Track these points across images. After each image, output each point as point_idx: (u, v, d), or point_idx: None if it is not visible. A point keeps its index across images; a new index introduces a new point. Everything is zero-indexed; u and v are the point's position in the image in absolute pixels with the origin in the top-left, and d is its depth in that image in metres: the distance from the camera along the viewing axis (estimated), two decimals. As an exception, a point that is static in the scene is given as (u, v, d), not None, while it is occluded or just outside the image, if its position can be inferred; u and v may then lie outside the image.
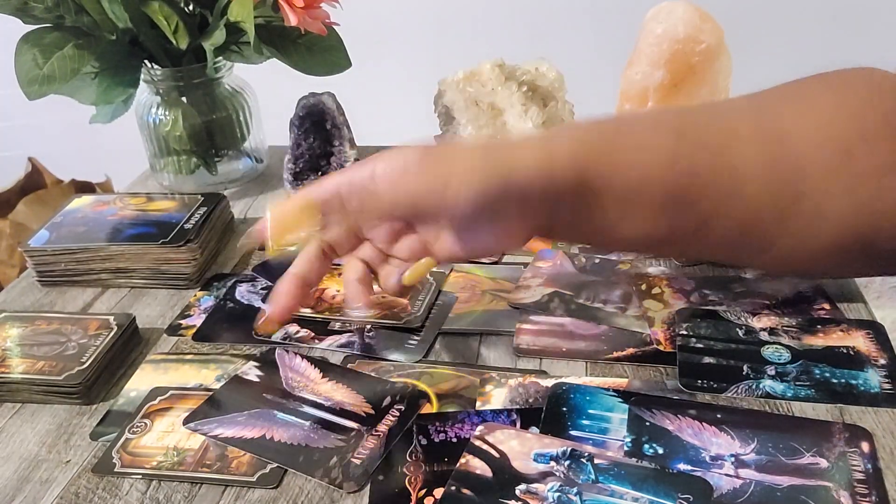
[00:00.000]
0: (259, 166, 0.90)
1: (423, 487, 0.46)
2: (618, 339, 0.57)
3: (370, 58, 1.08)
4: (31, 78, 0.71)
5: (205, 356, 0.59)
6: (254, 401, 0.53)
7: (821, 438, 0.47)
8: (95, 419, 0.53)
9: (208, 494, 0.47)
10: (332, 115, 0.82)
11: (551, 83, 0.78)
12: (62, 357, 0.56)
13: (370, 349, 0.58)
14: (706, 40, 0.71)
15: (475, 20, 1.58)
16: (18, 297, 0.69)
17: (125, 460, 0.49)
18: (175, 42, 0.77)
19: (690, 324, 0.58)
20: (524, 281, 0.65)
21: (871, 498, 0.43)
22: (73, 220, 0.72)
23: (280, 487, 0.47)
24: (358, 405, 0.52)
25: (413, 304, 0.62)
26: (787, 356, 0.54)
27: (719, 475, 0.45)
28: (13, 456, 0.51)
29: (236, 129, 0.87)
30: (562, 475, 0.45)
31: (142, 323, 0.63)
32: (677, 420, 0.49)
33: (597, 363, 0.55)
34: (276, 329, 0.60)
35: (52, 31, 0.73)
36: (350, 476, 0.47)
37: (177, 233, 0.69)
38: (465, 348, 0.58)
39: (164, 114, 0.83)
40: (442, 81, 0.81)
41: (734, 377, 0.52)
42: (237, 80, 0.87)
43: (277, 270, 0.69)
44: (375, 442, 0.49)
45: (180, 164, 0.85)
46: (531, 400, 0.52)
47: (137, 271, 0.68)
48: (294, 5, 0.71)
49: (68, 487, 0.48)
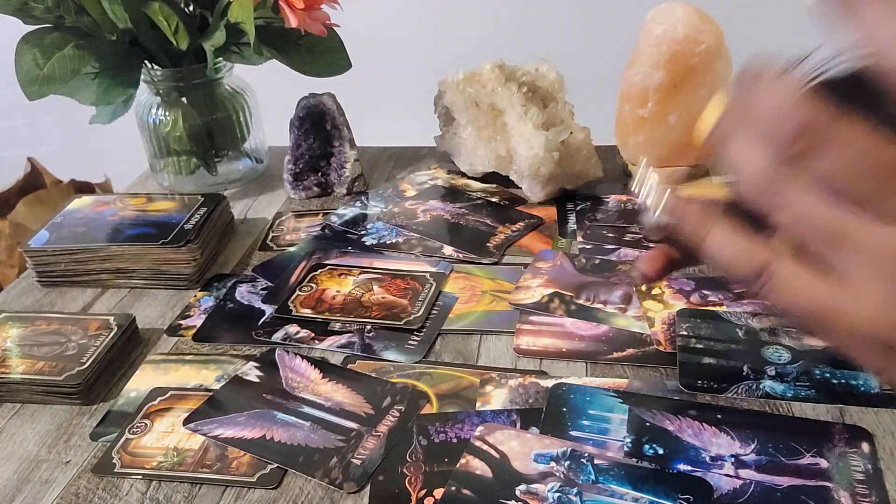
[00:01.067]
0: (259, 167, 0.90)
1: (423, 488, 0.46)
2: (618, 340, 0.57)
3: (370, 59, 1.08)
4: (31, 78, 0.71)
5: (205, 357, 0.59)
6: (254, 401, 0.53)
7: (821, 439, 0.47)
8: (95, 419, 0.53)
9: (208, 495, 0.47)
10: (332, 116, 0.82)
11: (551, 84, 0.78)
12: (62, 357, 0.56)
13: (370, 349, 0.58)
14: (706, 41, 0.71)
15: (475, 20, 1.58)
16: (18, 298, 0.69)
17: (125, 461, 0.49)
18: (175, 42, 0.77)
19: (690, 324, 0.58)
20: (524, 281, 0.65)
21: (871, 498, 0.43)
22: (72, 220, 0.72)
23: (280, 488, 0.47)
24: (358, 405, 0.52)
25: (413, 305, 0.62)
26: (787, 356, 0.54)
27: (719, 476, 0.45)
28: (13, 456, 0.51)
29: (236, 130, 0.87)
30: (562, 475, 0.45)
31: (142, 323, 0.63)
32: (677, 420, 0.49)
33: (597, 363, 0.55)
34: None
35: (52, 31, 0.73)
36: (350, 476, 0.47)
37: (177, 233, 0.69)
38: (465, 348, 0.58)
39: (164, 114, 0.83)
40: (442, 82, 0.81)
41: (734, 377, 0.52)
42: (237, 80, 0.87)
43: (278, 270, 0.69)
44: (375, 442, 0.49)
45: (180, 164, 0.85)
46: (531, 400, 0.52)
47: (137, 272, 0.68)
48: (294, 6, 0.71)
49: (68, 488, 0.48)
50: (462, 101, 0.79)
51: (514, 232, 0.73)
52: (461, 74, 0.79)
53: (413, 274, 0.67)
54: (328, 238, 0.75)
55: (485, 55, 0.80)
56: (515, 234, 0.73)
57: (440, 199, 0.80)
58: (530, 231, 0.73)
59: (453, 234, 0.73)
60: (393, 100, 1.53)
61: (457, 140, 0.83)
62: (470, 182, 0.83)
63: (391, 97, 1.55)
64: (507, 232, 0.73)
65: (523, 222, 0.75)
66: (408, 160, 0.91)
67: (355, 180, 0.83)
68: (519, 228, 0.74)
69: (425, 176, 0.86)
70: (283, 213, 0.80)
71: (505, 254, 0.70)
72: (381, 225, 0.76)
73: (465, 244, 0.71)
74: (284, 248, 0.73)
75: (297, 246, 0.73)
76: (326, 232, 0.76)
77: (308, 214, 0.80)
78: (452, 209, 0.77)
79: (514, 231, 0.73)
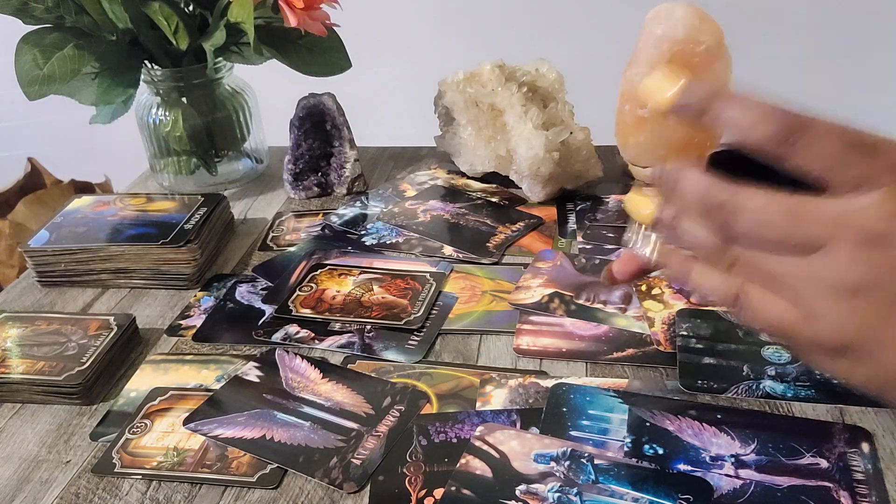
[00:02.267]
0: (259, 167, 0.90)
1: (423, 488, 0.46)
2: (618, 340, 0.57)
3: (370, 58, 1.08)
4: (32, 78, 0.71)
5: (205, 357, 0.59)
6: (254, 401, 0.53)
7: (821, 439, 0.47)
8: (95, 419, 0.53)
9: (208, 495, 0.47)
10: (332, 116, 0.82)
11: (551, 84, 0.78)
12: (62, 357, 0.56)
13: (370, 349, 0.58)
14: (706, 41, 0.71)
15: (475, 20, 1.58)
16: (18, 298, 0.69)
17: (125, 461, 0.49)
18: (175, 42, 0.78)
19: (690, 324, 0.58)
20: (524, 281, 0.65)
21: (871, 498, 0.43)
22: (72, 220, 0.72)
23: (280, 488, 0.47)
24: (358, 405, 0.52)
25: (413, 305, 0.62)
26: (788, 356, 0.54)
27: (719, 475, 0.45)
28: (13, 456, 0.51)
29: (236, 130, 0.87)
30: (562, 475, 0.45)
31: (142, 323, 0.63)
32: (677, 420, 0.49)
33: (597, 363, 0.55)
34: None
35: (52, 31, 0.73)
36: (350, 476, 0.47)
37: (177, 233, 0.69)
38: (465, 348, 0.58)
39: (164, 114, 0.83)
40: (442, 82, 0.81)
41: (734, 377, 0.52)
42: (237, 80, 0.87)
43: (278, 270, 0.69)
44: (375, 442, 0.49)
45: (180, 164, 0.85)
46: (531, 400, 0.52)
47: (137, 272, 0.68)
48: (294, 6, 0.71)
49: (68, 488, 0.48)
50: (462, 101, 0.79)
51: (514, 232, 0.73)
52: (461, 74, 0.79)
53: (413, 274, 0.67)
54: (328, 238, 0.75)
55: (485, 55, 0.80)
56: (515, 234, 0.73)
57: (440, 199, 0.80)
58: (530, 231, 0.73)
59: (453, 234, 0.73)
60: (393, 100, 1.53)
61: (457, 140, 0.83)
62: (470, 182, 0.83)
63: (391, 97, 1.55)
64: (507, 232, 0.73)
65: (523, 222, 0.75)
66: (408, 160, 0.91)
67: (355, 180, 0.83)
68: (519, 228, 0.74)
69: (425, 176, 0.86)
70: (283, 213, 0.80)
71: (505, 254, 0.70)
72: (381, 225, 0.76)
73: (465, 244, 0.71)
74: (284, 248, 0.73)
75: (297, 246, 0.73)
76: (326, 232, 0.76)
77: (308, 214, 0.80)
78: (452, 209, 0.77)
79: (514, 231, 0.73)
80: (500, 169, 0.80)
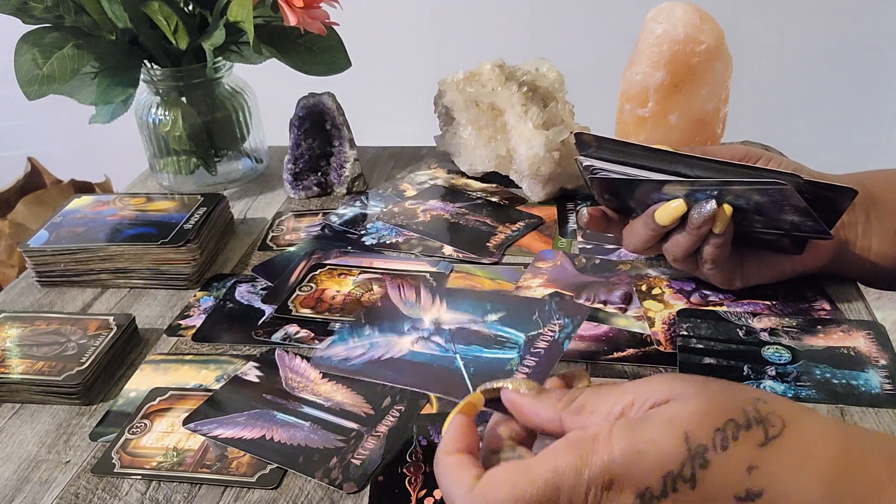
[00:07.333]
0: (259, 166, 0.90)
1: (423, 488, 0.46)
2: (618, 340, 0.57)
3: (370, 58, 1.08)
4: (31, 78, 0.71)
5: (204, 357, 0.59)
6: (253, 401, 0.53)
7: (821, 439, 0.47)
8: (95, 419, 0.53)
9: (208, 495, 0.47)
10: (332, 116, 0.82)
11: (551, 83, 0.78)
12: (62, 357, 0.56)
13: (370, 349, 0.58)
14: (706, 41, 0.71)
15: (475, 20, 1.58)
16: (18, 298, 0.69)
17: (125, 461, 0.49)
18: (175, 42, 0.77)
19: (690, 324, 0.58)
20: (524, 281, 0.65)
21: (872, 498, 0.43)
22: (72, 220, 0.72)
23: (280, 488, 0.47)
24: (358, 405, 0.52)
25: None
26: (788, 357, 0.54)
27: (719, 476, 0.45)
28: (13, 456, 0.51)
29: (236, 130, 0.87)
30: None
31: (141, 323, 0.63)
32: (677, 420, 0.49)
33: (597, 363, 0.55)
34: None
35: (51, 31, 0.73)
36: (350, 476, 0.47)
37: (176, 233, 0.69)
38: (465, 349, 0.58)
39: (163, 114, 0.83)
40: (442, 82, 0.81)
41: (734, 378, 0.52)
42: (237, 80, 0.87)
43: (277, 270, 0.69)
44: (375, 442, 0.49)
45: (180, 164, 0.85)
46: (531, 400, 0.52)
47: (137, 271, 0.68)
48: (293, 5, 0.71)
49: (68, 488, 0.48)
50: (462, 100, 0.79)
51: (514, 232, 0.73)
52: (461, 74, 0.79)
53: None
54: (328, 238, 0.75)
55: (485, 55, 0.80)
56: (515, 234, 0.72)
57: (440, 198, 0.80)
58: (530, 231, 0.73)
59: (453, 233, 0.73)
60: (393, 100, 1.53)
61: (457, 140, 0.82)
62: (470, 182, 0.83)
63: (391, 97, 1.55)
64: (507, 232, 0.73)
65: (523, 222, 0.75)
66: (408, 160, 0.91)
67: (355, 180, 0.83)
68: (519, 228, 0.73)
69: (425, 176, 0.86)
70: (283, 213, 0.80)
71: (505, 253, 0.70)
72: (381, 225, 0.76)
73: (465, 244, 0.71)
74: (284, 248, 0.73)
75: (296, 246, 0.73)
76: (326, 232, 0.76)
77: (308, 214, 0.80)
78: (452, 209, 0.77)
79: (514, 231, 0.73)
80: (500, 169, 0.80)
